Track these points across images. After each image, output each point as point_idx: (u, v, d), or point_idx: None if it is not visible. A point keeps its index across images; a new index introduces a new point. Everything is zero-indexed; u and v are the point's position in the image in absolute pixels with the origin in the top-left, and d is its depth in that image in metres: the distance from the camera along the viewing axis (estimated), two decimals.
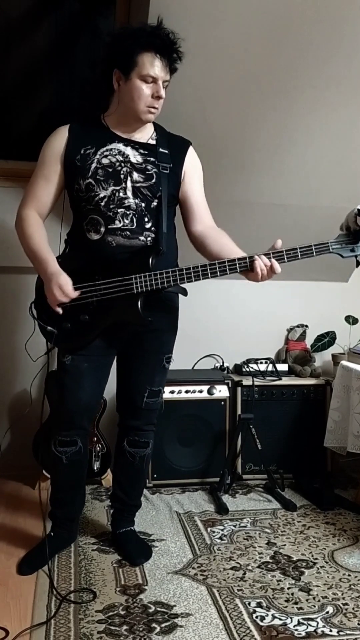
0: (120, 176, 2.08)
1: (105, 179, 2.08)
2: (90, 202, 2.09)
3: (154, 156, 2.12)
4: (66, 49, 2.97)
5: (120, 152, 2.10)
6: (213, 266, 2.01)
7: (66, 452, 2.23)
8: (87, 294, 2.07)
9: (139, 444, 2.31)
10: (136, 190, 2.09)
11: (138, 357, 2.23)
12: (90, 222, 2.10)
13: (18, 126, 3.06)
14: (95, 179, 2.08)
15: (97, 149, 2.10)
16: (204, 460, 3.04)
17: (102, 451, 2.91)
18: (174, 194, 2.17)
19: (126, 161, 2.09)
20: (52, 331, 2.10)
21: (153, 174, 2.10)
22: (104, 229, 2.08)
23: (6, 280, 3.10)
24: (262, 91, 2.55)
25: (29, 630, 1.83)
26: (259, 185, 2.94)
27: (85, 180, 2.08)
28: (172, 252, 2.21)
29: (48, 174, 2.13)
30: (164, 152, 2.14)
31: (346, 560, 2.30)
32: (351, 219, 2.00)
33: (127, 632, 1.83)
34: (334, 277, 3.49)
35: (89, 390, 2.19)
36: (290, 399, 3.16)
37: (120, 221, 2.08)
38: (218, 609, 1.96)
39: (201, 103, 2.57)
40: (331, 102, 2.62)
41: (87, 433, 2.32)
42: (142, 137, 2.14)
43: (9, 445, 3.16)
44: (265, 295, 3.43)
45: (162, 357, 2.26)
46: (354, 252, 2.01)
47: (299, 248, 1.99)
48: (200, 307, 3.31)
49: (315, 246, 1.99)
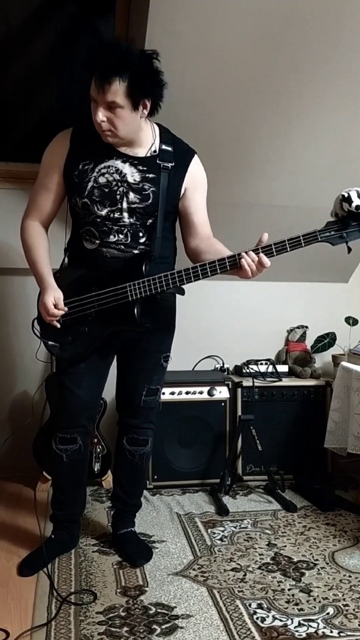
0: (116, 197, 2.07)
1: (101, 199, 2.07)
2: (87, 218, 2.11)
3: (154, 169, 2.08)
4: (66, 51, 2.98)
5: (117, 170, 2.08)
6: (204, 267, 2.01)
7: (66, 450, 2.24)
8: (83, 306, 2.10)
9: (138, 441, 2.33)
10: (132, 210, 2.08)
11: (136, 357, 2.25)
12: (86, 232, 2.13)
13: (18, 128, 3.06)
14: (91, 199, 2.08)
15: (95, 165, 2.08)
16: (205, 461, 3.04)
17: (103, 452, 2.91)
18: (171, 210, 2.16)
19: (123, 181, 2.07)
20: (54, 345, 2.16)
21: (150, 194, 2.08)
22: (99, 241, 2.11)
23: (6, 281, 3.11)
24: (260, 93, 2.55)
25: (29, 631, 1.83)
26: (258, 186, 2.94)
27: (82, 200, 2.09)
28: (169, 257, 2.23)
29: (48, 184, 2.15)
30: (167, 150, 2.11)
31: (347, 561, 2.30)
32: (337, 205, 1.97)
33: (127, 634, 1.83)
34: (334, 278, 3.49)
35: (88, 389, 2.22)
36: (291, 400, 3.16)
37: (115, 236, 2.10)
38: (219, 610, 1.96)
39: (199, 105, 2.57)
40: (330, 103, 2.62)
41: (88, 432, 2.34)
42: (142, 151, 2.10)
43: (10, 446, 3.16)
44: (265, 296, 3.43)
45: (159, 356, 2.27)
46: (343, 238, 1.97)
47: (287, 240, 1.97)
48: (200, 309, 3.31)
49: (304, 236, 1.96)
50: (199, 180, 2.19)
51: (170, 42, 2.22)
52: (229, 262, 2.00)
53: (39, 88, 3.04)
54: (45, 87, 3.05)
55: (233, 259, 2.00)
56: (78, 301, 2.11)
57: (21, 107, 3.04)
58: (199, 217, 2.19)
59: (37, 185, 2.18)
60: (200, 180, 2.19)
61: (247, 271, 1.98)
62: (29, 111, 3.05)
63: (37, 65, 3.00)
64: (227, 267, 2.01)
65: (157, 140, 2.12)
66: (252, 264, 1.97)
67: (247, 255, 1.97)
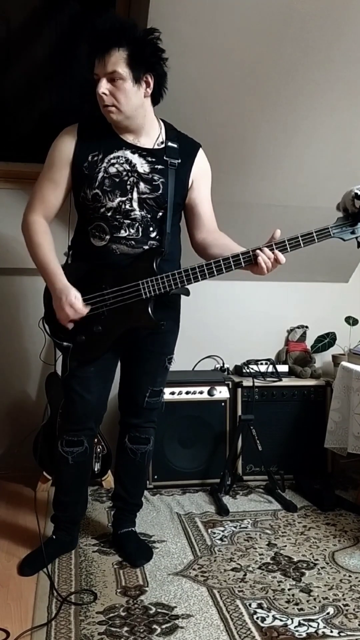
0: (127, 187, 2.06)
1: (112, 189, 2.06)
2: (97, 211, 2.08)
3: (162, 161, 2.09)
4: (67, 50, 2.97)
5: (127, 160, 2.07)
6: (218, 263, 2.01)
7: (72, 452, 2.24)
8: (96, 304, 2.07)
9: (140, 440, 2.32)
10: (142, 201, 2.07)
11: (141, 358, 2.24)
12: (95, 228, 2.10)
13: (18, 128, 3.06)
14: (102, 189, 2.06)
15: (104, 156, 2.07)
16: (205, 461, 3.04)
17: (103, 452, 2.91)
18: (180, 202, 2.16)
19: (133, 170, 2.07)
20: (68, 346, 2.11)
21: (160, 185, 2.08)
22: (109, 236, 2.08)
23: (7, 281, 3.11)
24: (261, 92, 2.55)
25: (29, 631, 1.83)
26: (259, 186, 2.94)
27: (93, 191, 2.06)
28: (175, 253, 2.22)
29: (56, 177, 2.11)
30: (173, 147, 2.11)
31: (347, 561, 2.30)
32: (348, 201, 1.99)
33: (127, 634, 1.83)
34: (334, 278, 3.49)
35: (96, 393, 2.20)
36: (291, 400, 3.16)
37: (126, 230, 2.08)
38: (219, 610, 1.96)
39: (201, 103, 2.57)
40: (331, 102, 2.62)
41: (94, 434, 2.34)
42: (149, 141, 2.10)
43: (10, 446, 3.15)
44: (265, 296, 3.43)
45: (164, 358, 2.27)
46: (354, 234, 2.01)
47: (300, 236, 1.99)
48: (200, 308, 3.30)
49: (317, 232, 1.99)
50: (204, 172, 2.20)
51: (171, 40, 2.21)
52: (244, 259, 2.00)
53: (39, 88, 3.03)
54: (46, 87, 3.04)
55: (248, 256, 2.00)
56: (90, 300, 2.07)
57: (21, 107, 3.04)
58: (204, 209, 2.20)
59: (43, 179, 2.13)
60: (206, 172, 2.21)
61: (262, 268, 1.98)
62: (29, 111, 3.05)
63: (38, 65, 2.99)
64: (241, 264, 2.01)
65: (163, 133, 2.12)
66: (268, 261, 1.98)
67: (263, 252, 1.97)
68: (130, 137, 2.09)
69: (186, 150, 2.15)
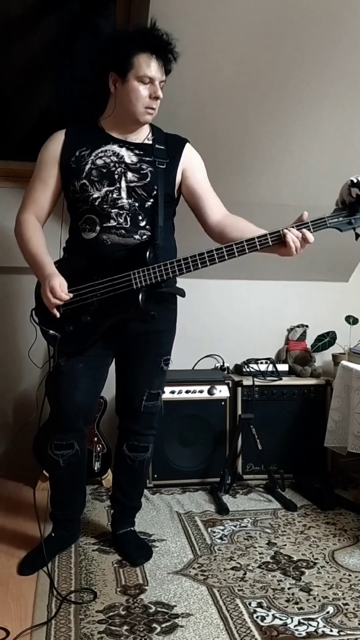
0: (115, 177, 2.09)
1: (99, 179, 2.08)
2: (86, 203, 2.10)
3: (150, 155, 2.12)
4: (66, 49, 2.97)
5: (115, 153, 2.10)
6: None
7: (63, 455, 2.22)
8: (86, 294, 2.06)
9: (139, 448, 2.31)
10: (130, 190, 2.09)
11: (136, 359, 2.22)
12: (85, 221, 2.12)
13: (17, 127, 3.06)
14: (89, 179, 2.08)
15: (92, 151, 2.10)
16: (205, 460, 3.04)
17: (103, 451, 2.91)
18: (170, 193, 2.16)
19: (120, 162, 2.09)
20: (55, 335, 2.08)
21: (148, 173, 2.10)
22: (99, 227, 2.09)
23: (6, 280, 3.11)
24: (261, 91, 2.55)
25: (29, 630, 1.83)
26: (259, 186, 2.94)
27: (80, 181, 2.09)
28: (171, 251, 2.20)
29: (46, 177, 2.14)
30: (160, 148, 2.14)
31: (347, 560, 2.30)
32: (345, 191, 1.97)
33: (127, 632, 1.83)
34: (334, 277, 3.49)
35: (85, 390, 2.17)
36: (291, 399, 3.16)
37: (115, 220, 2.08)
38: (218, 609, 1.96)
39: (200, 104, 2.57)
40: (331, 102, 2.62)
41: (84, 435, 2.30)
42: (138, 138, 2.15)
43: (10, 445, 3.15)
44: (265, 295, 3.43)
45: (159, 359, 2.25)
46: (351, 224, 1.98)
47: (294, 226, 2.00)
48: (200, 307, 3.31)
49: (312, 222, 1.98)
50: (196, 159, 2.23)
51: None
52: (272, 239, 1.99)
53: (39, 87, 3.03)
54: (45, 85, 3.04)
55: (277, 234, 1.98)
56: (79, 289, 2.06)
57: (21, 105, 3.03)
58: (204, 190, 2.21)
59: (34, 180, 2.17)
60: (195, 159, 2.23)
61: (291, 248, 1.97)
62: (28, 110, 3.05)
63: (37, 64, 2.99)
64: (269, 244, 1.99)
65: (150, 135, 2.17)
66: (297, 240, 1.97)
67: (291, 231, 1.97)
68: (120, 136, 2.13)
69: (173, 148, 2.18)
